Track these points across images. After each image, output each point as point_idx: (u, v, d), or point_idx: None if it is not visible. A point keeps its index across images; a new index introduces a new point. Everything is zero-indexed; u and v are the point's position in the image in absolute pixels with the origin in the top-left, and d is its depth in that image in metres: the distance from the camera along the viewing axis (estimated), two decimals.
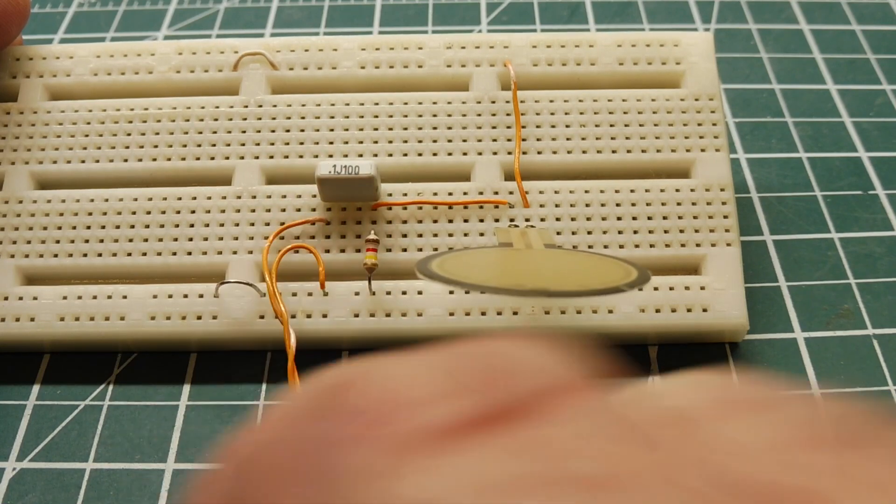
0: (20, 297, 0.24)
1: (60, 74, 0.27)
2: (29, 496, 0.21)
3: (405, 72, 0.27)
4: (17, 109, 0.26)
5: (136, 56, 0.27)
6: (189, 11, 0.37)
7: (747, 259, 0.25)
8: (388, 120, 0.26)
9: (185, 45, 0.27)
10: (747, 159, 0.29)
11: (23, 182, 0.25)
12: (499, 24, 0.36)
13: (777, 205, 0.28)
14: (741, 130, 0.31)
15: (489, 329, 0.23)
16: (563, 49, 0.27)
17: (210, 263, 0.24)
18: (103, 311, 0.23)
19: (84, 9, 0.37)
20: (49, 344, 0.24)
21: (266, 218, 0.24)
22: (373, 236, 0.23)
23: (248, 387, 0.24)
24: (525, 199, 0.24)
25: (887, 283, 0.26)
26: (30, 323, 0.23)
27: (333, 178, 0.23)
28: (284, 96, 0.26)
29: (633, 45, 0.27)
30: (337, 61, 0.27)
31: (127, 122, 0.26)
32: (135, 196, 0.25)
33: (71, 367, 0.24)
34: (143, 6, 0.37)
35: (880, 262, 0.26)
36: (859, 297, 0.25)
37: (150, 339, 0.24)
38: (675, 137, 0.25)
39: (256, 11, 0.37)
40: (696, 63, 0.26)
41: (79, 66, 0.27)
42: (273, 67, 0.27)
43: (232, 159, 0.25)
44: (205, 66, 0.27)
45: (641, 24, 0.35)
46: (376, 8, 0.37)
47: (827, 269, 0.26)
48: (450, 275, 0.19)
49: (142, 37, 0.35)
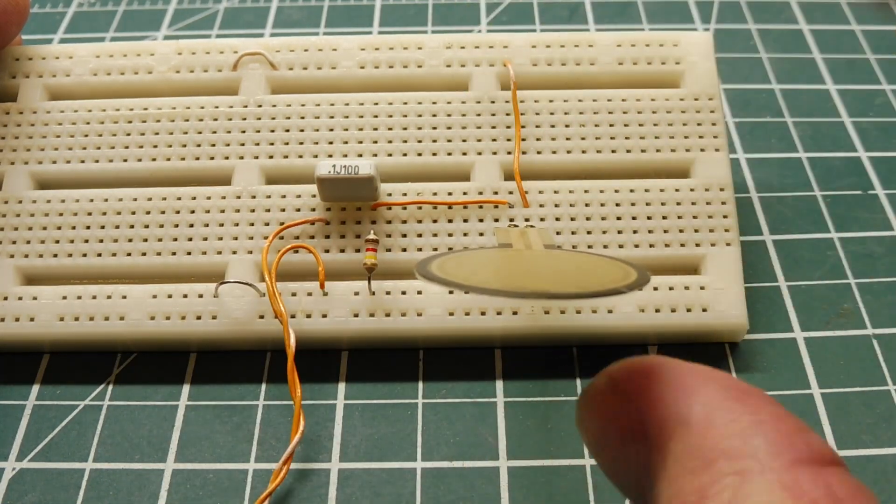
0: (20, 297, 0.24)
1: (60, 74, 0.27)
2: (29, 496, 0.21)
3: (405, 72, 0.27)
4: (16, 109, 0.26)
5: (136, 56, 0.27)
6: (189, 11, 0.37)
7: (747, 259, 0.25)
8: (388, 120, 0.26)
9: (185, 45, 0.27)
10: (747, 159, 0.29)
11: (22, 182, 0.25)
12: (499, 24, 0.36)
13: (777, 204, 0.28)
14: (741, 130, 0.31)
15: (489, 329, 0.23)
16: (562, 49, 0.27)
17: (210, 263, 0.24)
18: (103, 311, 0.23)
19: (84, 9, 0.37)
20: (49, 344, 0.24)
21: (266, 218, 0.24)
22: (372, 236, 0.23)
23: (248, 387, 0.24)
24: (525, 199, 0.24)
25: (887, 283, 0.26)
26: (29, 323, 0.23)
27: (333, 178, 0.23)
28: (284, 96, 0.26)
29: (632, 44, 0.27)
30: (336, 61, 0.27)
31: (126, 122, 0.26)
32: (134, 196, 0.25)
33: (70, 367, 0.24)
34: (143, 6, 0.37)
35: (880, 261, 0.26)
36: (859, 297, 0.25)
37: (149, 339, 0.24)
38: (674, 137, 0.25)
39: (256, 11, 0.37)
40: (696, 63, 0.26)
41: (78, 66, 0.27)
42: (273, 67, 0.27)
43: (231, 159, 0.25)
44: (204, 66, 0.27)
45: (641, 24, 0.35)
46: (376, 8, 0.37)
47: (827, 269, 0.26)
48: (449, 276, 0.19)
49: (142, 37, 0.35)
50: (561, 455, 0.22)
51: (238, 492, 0.21)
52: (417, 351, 0.24)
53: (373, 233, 0.24)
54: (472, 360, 0.24)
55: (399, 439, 0.22)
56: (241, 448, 0.22)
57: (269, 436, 0.22)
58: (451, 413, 0.23)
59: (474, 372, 0.24)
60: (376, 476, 0.21)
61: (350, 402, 0.23)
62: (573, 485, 0.21)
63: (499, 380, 0.23)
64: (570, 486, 0.21)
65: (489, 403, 0.23)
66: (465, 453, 0.22)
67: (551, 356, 0.24)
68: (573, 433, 0.22)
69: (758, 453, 0.13)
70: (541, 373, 0.24)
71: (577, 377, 0.23)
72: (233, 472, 0.22)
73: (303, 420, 0.21)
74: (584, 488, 0.21)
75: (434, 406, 0.23)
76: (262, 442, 0.22)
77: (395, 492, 0.21)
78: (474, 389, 0.23)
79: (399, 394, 0.23)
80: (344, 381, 0.23)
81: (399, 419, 0.23)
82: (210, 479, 0.22)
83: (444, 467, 0.22)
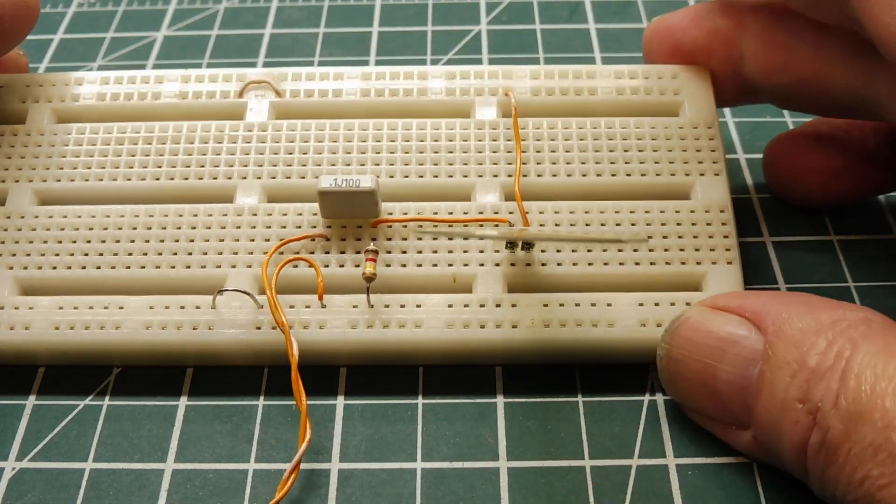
0: (16, 306, 0.23)
1: (68, 99, 0.28)
2: (29, 496, 0.21)
3: (407, 100, 0.27)
4: (24, 131, 0.27)
5: (144, 83, 0.28)
6: (189, 11, 0.37)
7: (746, 260, 0.25)
8: (390, 144, 0.26)
9: (192, 73, 0.28)
10: (747, 159, 0.29)
11: (26, 198, 0.25)
12: (498, 23, 0.36)
13: (777, 205, 0.28)
14: (741, 130, 0.31)
15: (488, 342, 0.23)
16: (563, 80, 0.27)
17: (208, 276, 0.24)
18: (99, 321, 0.23)
19: (84, 8, 0.37)
20: (44, 354, 0.24)
21: (266, 234, 0.25)
22: (372, 247, 0.23)
23: (248, 386, 0.23)
24: (525, 218, 0.24)
25: (886, 287, 0.26)
26: (24, 331, 0.23)
27: (334, 191, 0.23)
28: (288, 121, 0.27)
29: (631, 76, 0.27)
30: (340, 89, 0.28)
31: (131, 143, 0.26)
32: (135, 212, 0.25)
33: (67, 377, 0.24)
34: (143, 6, 0.37)
35: (879, 264, 0.26)
36: (858, 301, 0.25)
37: (145, 349, 0.23)
38: (674, 162, 0.26)
39: (256, 11, 0.37)
40: (695, 94, 0.27)
41: (86, 92, 0.28)
42: (278, 95, 0.27)
43: (234, 179, 0.26)
44: (210, 93, 0.28)
45: (641, 24, 0.35)
46: (376, 7, 0.37)
47: (826, 272, 0.26)
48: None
49: (142, 37, 0.35)
50: (561, 456, 0.22)
51: (238, 492, 0.21)
52: (417, 368, 0.24)
53: (373, 244, 0.24)
54: (472, 376, 0.24)
55: (399, 440, 0.22)
56: (241, 448, 0.22)
57: (269, 436, 0.22)
58: (451, 413, 0.23)
59: (474, 391, 0.24)
60: (376, 476, 0.22)
61: (350, 403, 0.23)
62: (573, 485, 0.21)
63: (499, 395, 0.23)
64: (570, 486, 0.21)
65: (489, 404, 0.23)
66: (465, 454, 0.22)
67: (551, 371, 0.24)
68: (573, 433, 0.22)
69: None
70: (541, 390, 0.23)
71: (578, 394, 0.23)
72: (233, 473, 0.22)
73: (309, 429, 0.21)
74: (584, 489, 0.21)
75: (434, 406, 0.23)
76: (262, 442, 0.22)
77: (395, 492, 0.21)
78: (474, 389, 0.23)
79: (399, 394, 0.23)
80: (343, 395, 0.23)
81: (399, 419, 0.23)
82: (210, 479, 0.22)
83: (444, 468, 0.22)
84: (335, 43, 0.35)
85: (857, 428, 0.17)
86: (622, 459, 0.22)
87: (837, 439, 0.17)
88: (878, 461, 0.16)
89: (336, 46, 0.35)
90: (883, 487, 0.16)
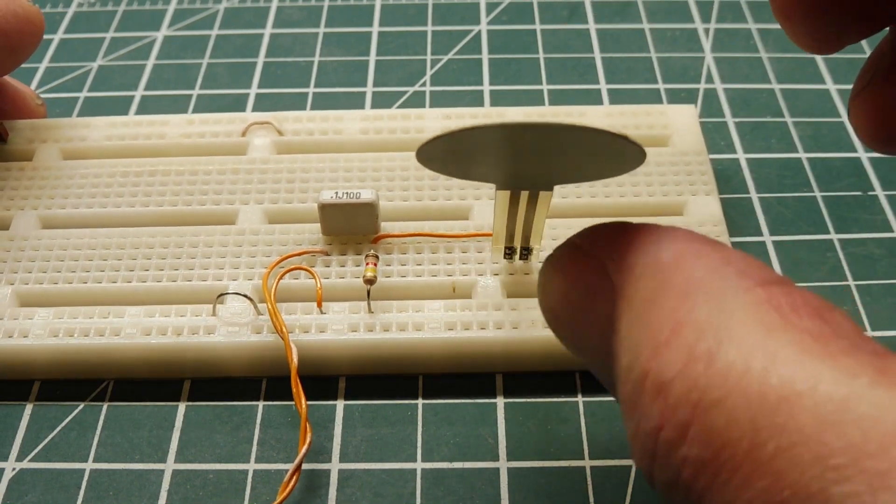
0: (15, 317, 0.23)
1: (76, 140, 0.28)
2: (28, 496, 0.21)
3: (406, 136, 0.28)
4: (31, 167, 0.27)
5: (150, 125, 0.29)
6: (189, 11, 0.37)
7: None
8: (389, 173, 0.27)
9: (197, 117, 0.29)
10: (747, 159, 0.29)
11: (31, 222, 0.26)
12: (498, 23, 0.36)
13: (776, 205, 0.28)
14: (741, 130, 0.31)
15: (488, 343, 0.23)
16: (555, 118, 0.28)
17: (208, 289, 0.24)
18: (98, 328, 0.23)
19: (84, 9, 0.37)
20: (41, 365, 0.23)
21: (266, 251, 0.25)
22: (373, 252, 0.24)
23: (248, 386, 0.24)
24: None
25: (886, 285, 0.26)
26: (23, 339, 0.23)
27: (335, 204, 0.24)
28: (290, 156, 0.27)
29: (621, 114, 0.28)
30: (341, 129, 0.28)
31: (136, 177, 0.27)
32: (138, 234, 0.25)
33: (65, 384, 0.24)
34: (143, 6, 0.37)
35: (879, 263, 0.26)
36: (858, 299, 0.25)
37: (143, 355, 0.23)
38: (665, 185, 0.26)
39: (256, 11, 0.37)
40: (682, 129, 0.28)
41: (94, 134, 0.28)
42: (279, 134, 0.28)
43: (236, 205, 0.26)
44: (214, 133, 0.28)
45: (641, 24, 0.35)
46: (376, 7, 0.37)
47: (826, 271, 0.26)
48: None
49: (142, 36, 0.35)
50: (561, 456, 0.22)
51: (238, 492, 0.21)
52: (417, 377, 0.24)
53: (373, 250, 0.24)
54: (472, 376, 0.24)
55: (399, 440, 0.22)
56: (241, 448, 0.22)
57: (269, 436, 0.22)
58: (451, 413, 0.23)
59: (474, 391, 0.24)
60: (376, 477, 0.22)
61: (350, 403, 0.23)
62: (573, 485, 0.21)
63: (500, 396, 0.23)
64: (570, 486, 0.21)
65: (489, 404, 0.23)
66: (465, 454, 0.22)
67: (551, 372, 0.23)
68: (574, 434, 0.22)
69: (729, 279, 0.13)
70: (541, 391, 0.23)
71: (578, 394, 0.23)
72: (233, 473, 0.22)
73: (310, 431, 0.21)
74: (584, 489, 0.21)
75: (434, 406, 0.23)
76: (262, 442, 0.22)
77: (395, 492, 0.21)
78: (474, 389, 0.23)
79: (399, 395, 0.23)
80: (343, 397, 0.23)
81: (399, 420, 0.23)
82: (210, 479, 0.22)
83: (444, 468, 0.22)
84: (335, 43, 0.35)
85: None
86: (622, 459, 0.22)
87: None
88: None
89: (336, 46, 0.35)
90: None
